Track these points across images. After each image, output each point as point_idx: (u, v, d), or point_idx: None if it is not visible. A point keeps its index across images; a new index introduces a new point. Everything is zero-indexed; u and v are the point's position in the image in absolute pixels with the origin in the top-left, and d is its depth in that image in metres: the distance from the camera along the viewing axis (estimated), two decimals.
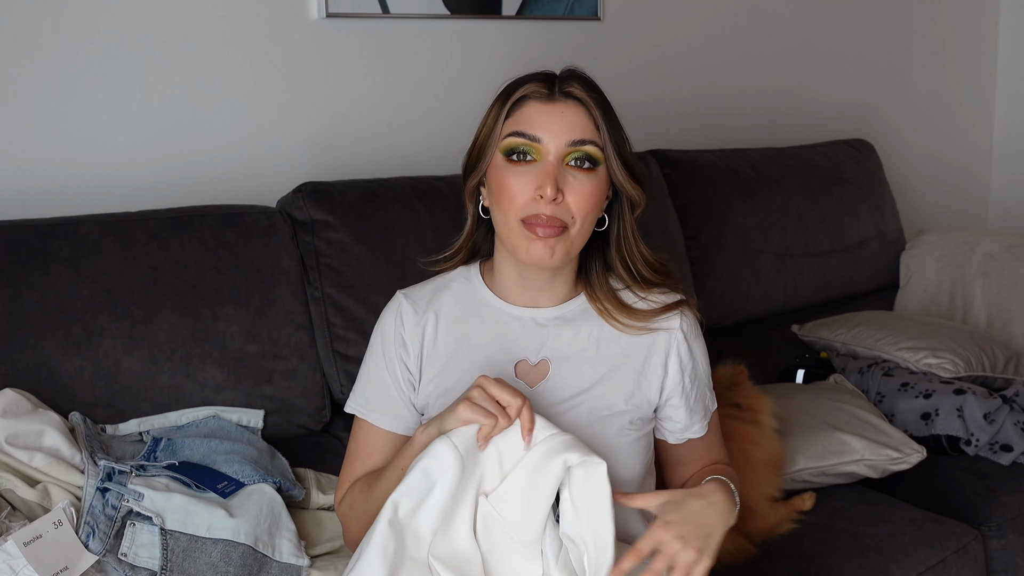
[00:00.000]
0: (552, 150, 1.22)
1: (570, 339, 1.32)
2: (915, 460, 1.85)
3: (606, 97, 1.28)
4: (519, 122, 1.24)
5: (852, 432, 1.88)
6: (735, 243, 2.36)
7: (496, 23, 2.30)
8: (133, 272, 1.65)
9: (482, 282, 1.36)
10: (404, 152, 2.20)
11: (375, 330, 1.38)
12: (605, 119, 1.24)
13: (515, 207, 1.23)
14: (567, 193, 1.22)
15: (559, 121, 1.23)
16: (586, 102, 1.24)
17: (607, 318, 1.33)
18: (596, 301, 1.34)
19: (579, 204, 1.23)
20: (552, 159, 1.22)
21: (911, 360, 2.18)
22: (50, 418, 1.46)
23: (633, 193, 1.28)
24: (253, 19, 1.99)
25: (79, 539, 1.28)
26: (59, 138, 1.83)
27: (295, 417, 1.78)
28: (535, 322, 1.33)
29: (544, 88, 1.25)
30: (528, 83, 1.26)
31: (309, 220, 1.84)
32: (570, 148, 1.23)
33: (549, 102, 1.24)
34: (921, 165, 3.31)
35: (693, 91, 2.71)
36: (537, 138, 1.22)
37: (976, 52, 3.42)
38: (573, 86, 1.25)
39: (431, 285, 1.38)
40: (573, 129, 1.23)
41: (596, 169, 1.25)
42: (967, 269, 2.60)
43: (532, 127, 1.23)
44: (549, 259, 1.24)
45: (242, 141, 2.01)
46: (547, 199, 1.21)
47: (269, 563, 1.37)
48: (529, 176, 1.22)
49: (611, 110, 1.27)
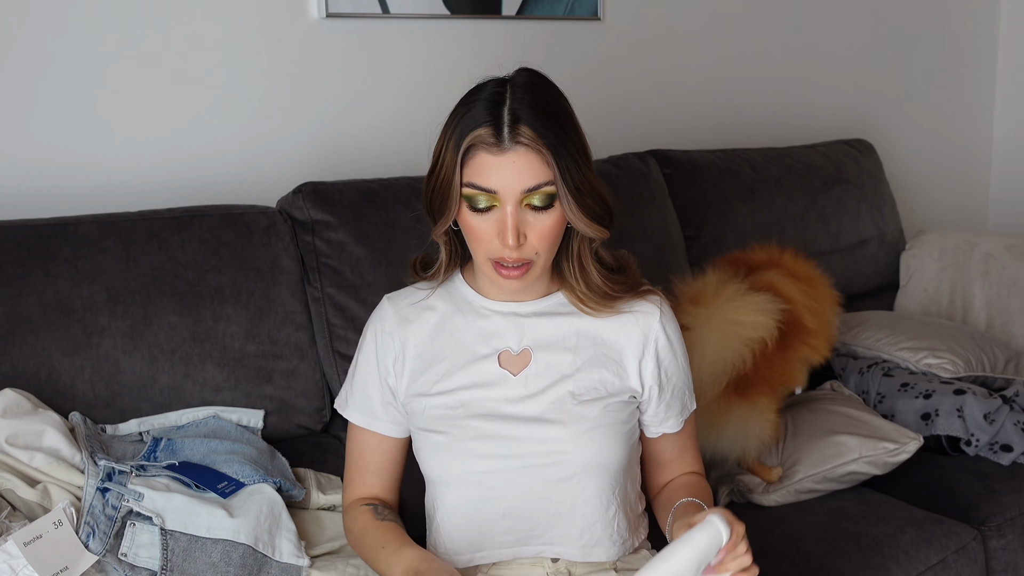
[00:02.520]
0: (509, 199, 1.24)
1: (550, 329, 1.37)
2: (913, 448, 1.85)
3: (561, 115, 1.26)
4: (473, 174, 1.25)
5: (846, 432, 1.88)
6: (735, 243, 2.35)
7: (496, 23, 2.30)
8: (133, 272, 1.65)
9: (464, 282, 1.40)
10: (404, 152, 2.20)
11: (363, 333, 1.43)
12: (556, 155, 1.23)
13: (482, 248, 1.28)
14: (529, 233, 1.26)
15: (511, 171, 1.23)
16: (535, 146, 1.23)
17: (579, 305, 1.36)
18: (571, 292, 1.37)
19: (541, 239, 1.27)
20: (510, 208, 1.24)
21: (911, 360, 2.18)
22: (50, 418, 1.46)
23: (589, 232, 1.30)
24: (253, 19, 1.99)
25: (79, 539, 1.28)
26: (59, 138, 1.83)
27: (295, 417, 1.78)
28: (516, 315, 1.37)
29: (492, 136, 1.23)
30: (475, 129, 1.24)
31: (309, 220, 1.84)
32: (525, 195, 1.24)
33: (499, 152, 1.23)
34: (921, 165, 3.31)
35: (693, 91, 2.71)
36: (492, 190, 1.24)
37: (976, 52, 3.42)
38: (521, 131, 1.22)
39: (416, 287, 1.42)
40: (525, 177, 1.24)
41: (555, 202, 1.26)
42: (967, 269, 2.60)
43: (486, 180, 1.24)
44: (521, 287, 1.31)
45: (242, 141, 2.01)
46: (511, 247, 1.25)
47: (269, 563, 1.37)
48: (491, 222, 1.26)
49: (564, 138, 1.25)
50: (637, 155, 2.32)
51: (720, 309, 1.79)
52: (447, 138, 1.27)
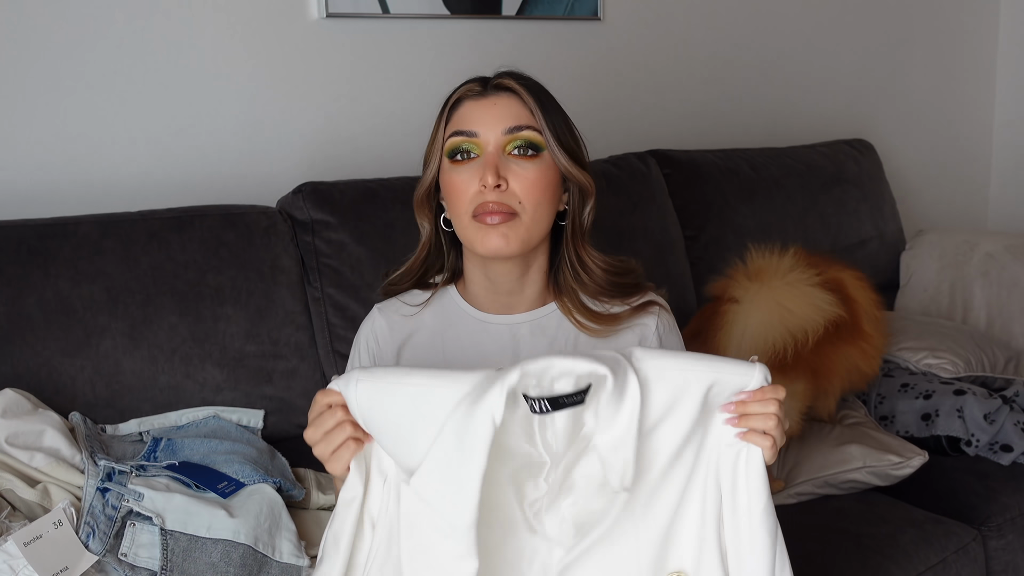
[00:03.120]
0: (491, 140, 1.24)
1: (546, 346, 1.33)
2: (917, 463, 1.84)
3: (545, 89, 1.29)
4: (456, 123, 1.26)
5: (850, 441, 1.89)
6: (735, 243, 2.35)
7: (496, 23, 2.30)
8: (133, 272, 1.65)
9: (458, 295, 1.36)
10: (404, 152, 2.19)
11: (354, 342, 1.39)
12: (541, 105, 1.25)
13: (463, 202, 1.24)
14: (511, 180, 1.23)
15: (493, 112, 1.24)
16: (518, 91, 1.26)
17: (572, 320, 1.32)
18: (563, 305, 1.33)
19: (525, 190, 1.23)
20: (492, 150, 1.23)
21: (911, 360, 2.18)
22: (50, 418, 1.46)
23: (580, 178, 1.28)
24: (253, 19, 1.99)
25: (79, 539, 1.28)
26: (59, 138, 1.83)
27: (295, 417, 1.77)
28: (509, 328, 1.33)
29: (477, 86, 1.28)
30: (463, 86, 1.29)
31: (309, 220, 1.84)
32: (507, 137, 1.24)
33: (482, 97, 1.26)
34: (921, 165, 3.31)
35: (693, 91, 2.71)
36: (473, 132, 1.24)
37: (976, 52, 3.42)
38: (505, 79, 1.27)
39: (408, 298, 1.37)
40: (507, 117, 1.24)
41: (540, 155, 1.25)
42: (967, 269, 2.60)
43: (468, 123, 1.25)
44: (506, 246, 1.23)
45: (242, 141, 2.01)
46: (489, 187, 1.21)
47: (269, 563, 1.37)
48: (473, 171, 1.24)
49: (549, 98, 1.28)
50: (637, 155, 2.32)
51: (775, 290, 1.79)
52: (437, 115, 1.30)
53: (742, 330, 1.75)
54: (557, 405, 0.99)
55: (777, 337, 1.76)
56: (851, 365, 1.92)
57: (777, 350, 1.75)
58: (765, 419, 1.03)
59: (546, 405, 0.98)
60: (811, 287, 1.83)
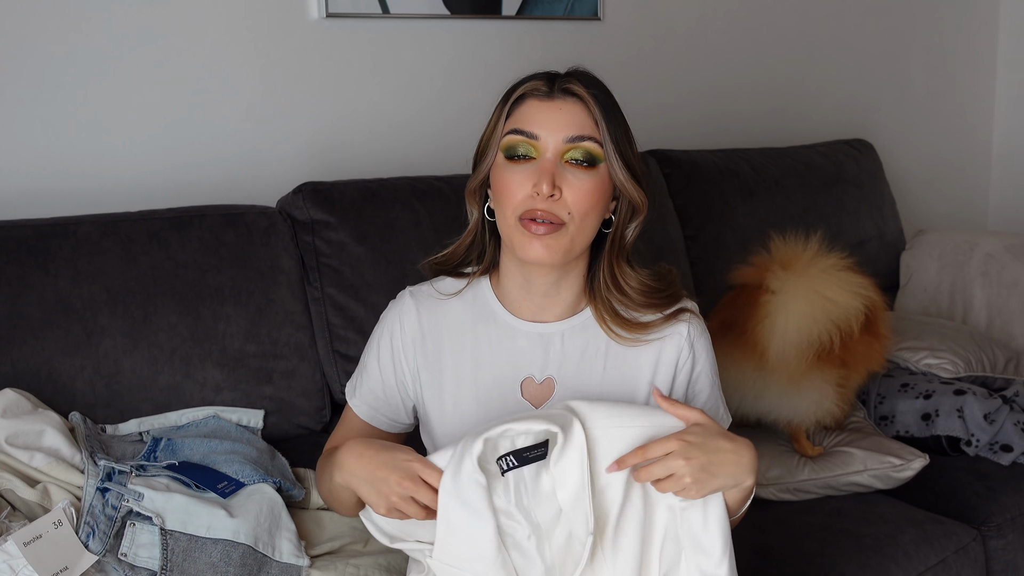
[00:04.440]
0: (550, 146, 1.21)
1: (577, 356, 1.30)
2: (919, 466, 1.84)
3: (612, 95, 1.26)
4: (518, 120, 1.23)
5: (851, 444, 1.89)
6: (735, 243, 2.35)
7: (496, 23, 2.30)
8: (133, 272, 1.65)
9: (491, 290, 1.33)
10: (404, 152, 2.20)
11: (379, 322, 1.37)
12: (605, 116, 1.22)
13: (513, 204, 1.21)
14: (565, 190, 1.20)
15: (557, 117, 1.21)
16: (585, 99, 1.22)
17: (605, 329, 1.30)
18: (597, 312, 1.31)
19: (577, 201, 1.21)
20: (550, 156, 1.21)
21: (911, 360, 2.18)
22: (50, 418, 1.46)
23: (634, 194, 1.25)
24: (253, 19, 1.99)
25: (79, 539, 1.28)
26: (59, 138, 1.83)
27: (295, 417, 1.77)
28: (541, 338, 1.30)
29: (544, 86, 1.24)
30: (529, 81, 1.25)
31: (309, 220, 1.84)
32: (568, 145, 1.21)
33: (548, 99, 1.23)
34: (921, 165, 3.31)
35: (693, 91, 2.71)
36: (535, 135, 1.21)
37: (976, 52, 3.42)
38: (573, 83, 1.23)
39: (441, 286, 1.34)
40: (571, 125, 1.21)
41: (596, 167, 1.22)
42: (967, 269, 2.60)
43: (530, 124, 1.22)
44: (548, 257, 1.21)
45: (242, 141, 2.01)
46: (543, 195, 1.19)
47: (269, 563, 1.37)
48: (527, 173, 1.21)
49: (615, 108, 1.25)
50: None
51: (813, 279, 1.79)
52: (498, 104, 1.26)
53: (784, 323, 1.74)
54: (522, 460, 1.11)
55: (822, 329, 1.76)
56: (873, 355, 1.93)
57: (824, 343, 1.76)
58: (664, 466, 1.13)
59: (512, 461, 1.11)
60: (844, 271, 1.83)
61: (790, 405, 1.81)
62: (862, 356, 1.89)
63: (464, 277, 1.34)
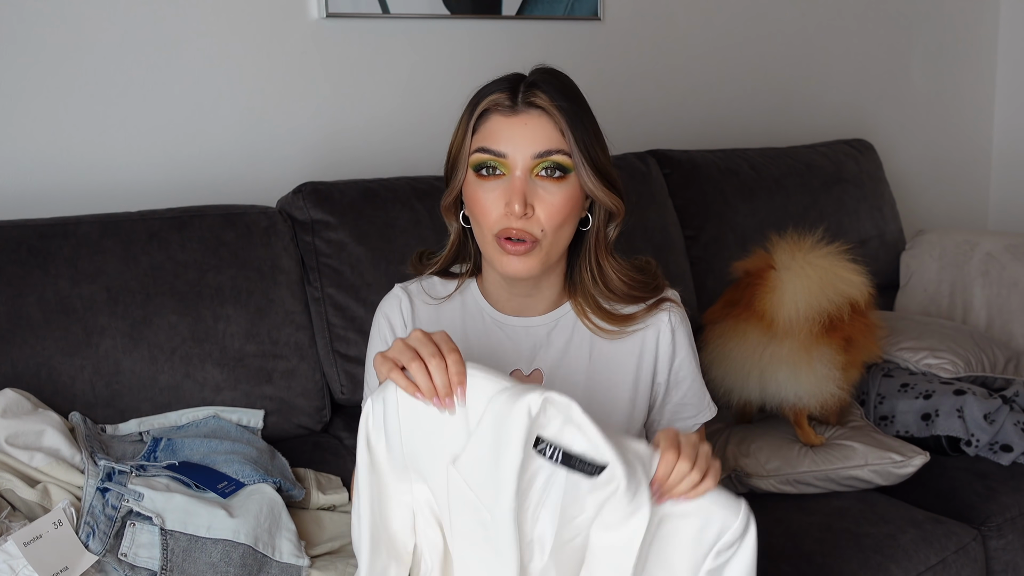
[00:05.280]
0: (519, 163, 1.21)
1: (562, 348, 1.32)
2: (919, 462, 1.84)
3: (579, 97, 1.25)
4: (484, 137, 1.23)
5: (852, 439, 1.89)
6: (735, 243, 2.35)
7: (496, 23, 2.30)
8: (133, 272, 1.65)
9: (477, 287, 1.36)
10: (404, 152, 2.20)
11: (374, 322, 1.38)
12: (571, 125, 1.21)
13: (488, 223, 1.23)
14: (537, 206, 1.21)
15: (523, 133, 1.21)
16: (550, 111, 1.21)
17: (586, 322, 1.31)
18: (578, 306, 1.33)
19: (550, 217, 1.21)
20: (520, 173, 1.21)
21: (911, 360, 2.18)
22: (50, 418, 1.46)
23: (607, 201, 1.25)
24: (253, 19, 1.99)
25: (79, 539, 1.28)
26: (59, 138, 1.83)
27: (295, 417, 1.77)
28: (526, 332, 1.33)
29: (507, 99, 1.22)
30: (491, 94, 1.24)
31: (309, 220, 1.84)
32: (536, 160, 1.21)
33: (512, 114, 1.22)
34: (921, 165, 3.31)
35: (693, 91, 2.71)
36: (502, 153, 1.21)
37: (976, 52, 3.42)
38: (536, 95, 1.22)
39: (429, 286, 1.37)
40: (537, 140, 1.21)
41: (567, 177, 1.22)
42: (967, 269, 2.60)
43: (496, 142, 1.21)
44: (525, 272, 1.23)
45: (242, 141, 2.01)
46: (516, 215, 1.20)
47: (269, 563, 1.37)
48: (499, 191, 1.21)
49: (581, 114, 1.24)
50: (637, 155, 2.32)
51: (821, 258, 1.84)
52: (463, 114, 1.26)
53: (793, 292, 1.76)
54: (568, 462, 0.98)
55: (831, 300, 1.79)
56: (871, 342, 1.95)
57: (832, 314, 1.78)
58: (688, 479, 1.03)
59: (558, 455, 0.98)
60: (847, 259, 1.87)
61: (797, 380, 1.81)
62: (862, 337, 1.91)
63: (452, 278, 1.36)
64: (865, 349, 1.95)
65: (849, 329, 1.85)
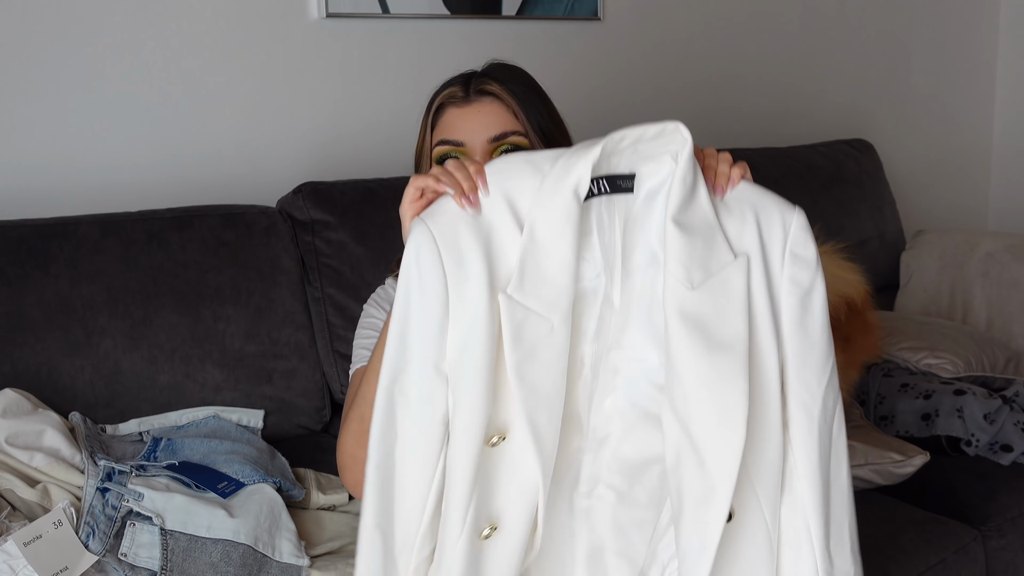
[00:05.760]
0: (477, 149, 1.23)
1: None
2: (919, 462, 1.84)
3: (533, 82, 1.28)
4: (442, 131, 1.26)
5: (852, 439, 1.89)
6: None
7: (496, 23, 2.30)
8: (133, 272, 1.65)
9: None
10: (404, 152, 2.18)
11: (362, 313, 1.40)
12: (524, 107, 1.24)
13: None
14: None
15: (477, 120, 1.24)
16: (500, 95, 1.25)
17: None
18: None
19: None
20: (479, 159, 1.23)
21: (911, 360, 2.18)
22: (50, 418, 1.46)
23: None
24: (253, 19, 1.99)
25: (79, 539, 1.28)
26: (59, 138, 1.83)
27: (295, 417, 1.78)
28: None
29: (460, 91, 1.26)
30: (446, 89, 1.28)
31: (309, 220, 1.84)
32: (493, 144, 1.23)
33: (465, 104, 1.25)
34: (921, 165, 3.31)
35: (693, 91, 2.71)
36: (459, 142, 1.24)
37: (976, 52, 3.42)
38: (486, 83, 1.26)
39: None
40: (491, 125, 1.24)
41: None
42: (967, 269, 2.60)
43: (453, 132, 1.25)
44: None
45: (242, 141, 2.01)
46: None
47: (269, 563, 1.37)
48: None
49: (534, 96, 1.26)
50: None
51: None
52: (423, 115, 1.29)
53: None
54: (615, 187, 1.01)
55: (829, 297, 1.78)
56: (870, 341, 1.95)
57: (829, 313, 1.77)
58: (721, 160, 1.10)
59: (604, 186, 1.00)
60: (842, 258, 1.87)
61: None
62: (860, 337, 1.90)
63: None
64: (864, 348, 1.94)
65: (847, 328, 1.85)
